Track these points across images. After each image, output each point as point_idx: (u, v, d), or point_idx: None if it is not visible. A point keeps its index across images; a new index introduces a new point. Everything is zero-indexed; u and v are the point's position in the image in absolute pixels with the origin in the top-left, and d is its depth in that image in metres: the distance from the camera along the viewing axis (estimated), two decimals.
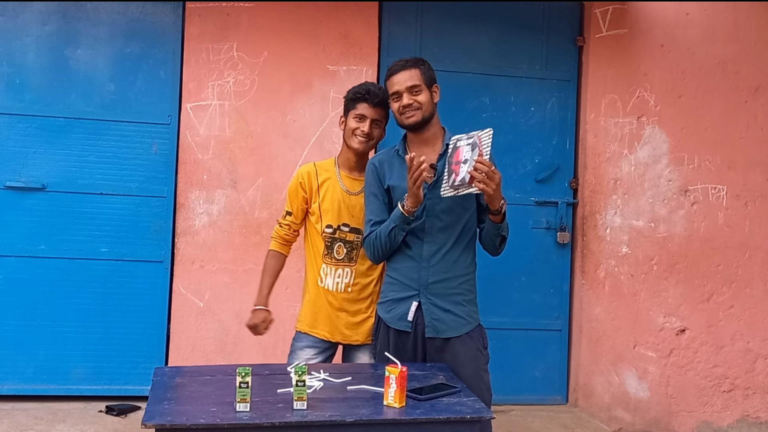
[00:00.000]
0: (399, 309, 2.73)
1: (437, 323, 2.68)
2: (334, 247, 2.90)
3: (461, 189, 2.49)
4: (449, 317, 2.68)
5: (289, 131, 4.21)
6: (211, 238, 4.16)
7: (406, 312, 2.70)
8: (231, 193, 4.18)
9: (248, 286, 4.11)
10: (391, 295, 2.77)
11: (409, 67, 2.68)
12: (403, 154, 2.72)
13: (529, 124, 4.53)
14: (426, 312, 2.68)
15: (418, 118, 2.66)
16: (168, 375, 2.48)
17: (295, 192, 2.95)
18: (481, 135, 2.47)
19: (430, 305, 2.69)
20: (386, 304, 2.78)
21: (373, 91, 2.85)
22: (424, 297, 2.69)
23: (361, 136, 2.86)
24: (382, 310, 2.79)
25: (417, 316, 2.69)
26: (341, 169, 2.96)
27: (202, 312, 4.16)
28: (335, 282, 2.91)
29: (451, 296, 2.70)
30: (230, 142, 4.18)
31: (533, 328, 4.51)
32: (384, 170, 2.75)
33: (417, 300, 2.69)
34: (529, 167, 4.53)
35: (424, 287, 2.69)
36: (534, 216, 4.49)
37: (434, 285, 2.69)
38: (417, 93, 2.66)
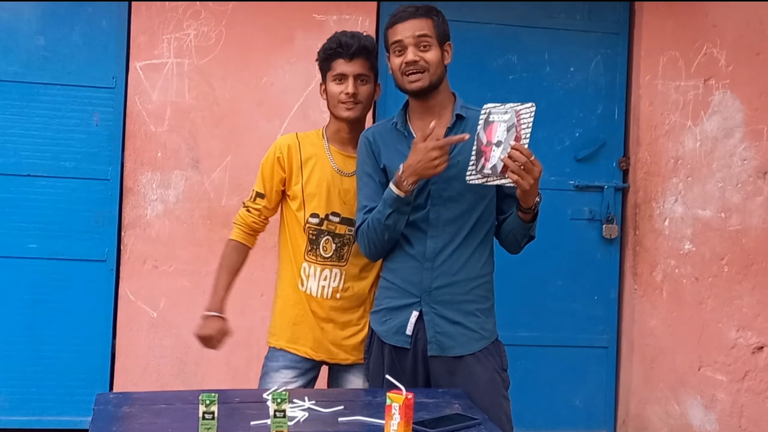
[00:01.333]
0: (396, 320, 2.72)
1: (442, 338, 2.68)
2: (320, 241, 2.90)
3: (491, 178, 2.48)
4: (458, 330, 2.68)
5: (265, 97, 4.22)
6: (167, 232, 4.18)
7: (405, 324, 2.70)
8: (192, 175, 4.19)
9: None
10: (386, 303, 2.76)
11: (419, 16, 2.66)
12: (402, 128, 2.73)
13: (568, 88, 4.55)
14: (429, 324, 2.68)
15: (425, 83, 2.66)
16: (113, 403, 2.48)
17: (271, 169, 2.94)
18: (521, 111, 2.45)
19: (433, 315, 2.68)
20: (380, 313, 2.78)
21: (345, 41, 2.85)
22: (427, 305, 2.69)
23: (345, 100, 2.86)
24: (375, 322, 2.79)
25: (418, 329, 2.69)
26: (331, 143, 2.95)
27: (156, 324, 4.17)
28: (320, 286, 2.91)
29: (460, 304, 2.69)
30: (191, 111, 4.19)
31: (572, 345, 4.54)
32: (379, 146, 2.75)
33: (418, 309, 2.69)
34: (568, 143, 4.54)
35: (427, 293, 2.69)
36: (574, 204, 4.52)
37: (440, 290, 2.69)
38: (425, 48, 2.65)
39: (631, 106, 4.57)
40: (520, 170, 2.40)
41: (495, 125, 2.49)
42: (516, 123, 2.43)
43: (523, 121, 2.43)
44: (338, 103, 2.88)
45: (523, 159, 2.39)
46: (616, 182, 4.55)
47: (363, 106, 2.89)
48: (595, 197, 4.54)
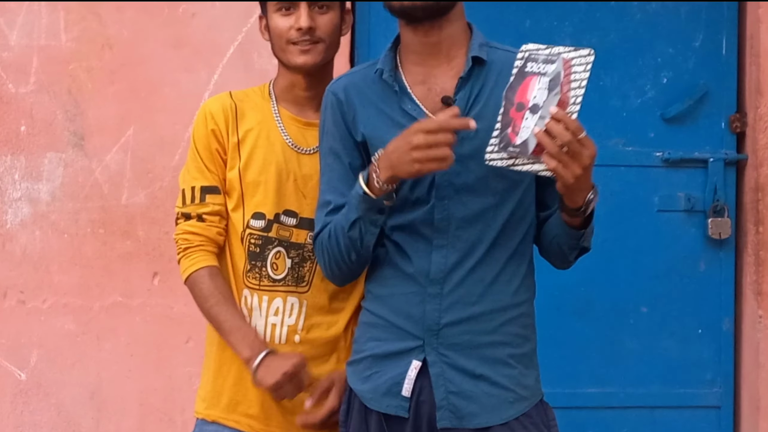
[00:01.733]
0: (387, 374, 2.71)
1: (458, 401, 2.67)
2: (268, 255, 2.92)
3: (518, 161, 2.47)
4: (482, 389, 2.67)
5: (185, 36, 4.26)
6: (39, 247, 4.22)
7: (400, 380, 2.69)
8: (76, 159, 4.24)
9: (113, 338, 4.24)
10: (371, 348, 2.76)
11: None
12: (390, 78, 2.73)
13: (648, 9, 4.59)
14: (437, 380, 2.67)
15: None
16: None
17: (208, 148, 2.95)
18: (572, 60, 2.43)
19: (444, 367, 2.67)
20: (363, 364, 2.77)
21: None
22: (434, 351, 2.68)
23: (297, 38, 2.87)
24: (355, 377, 2.78)
25: (420, 388, 2.68)
26: (282, 105, 2.98)
27: (26, 390, 4.20)
28: (269, 324, 2.92)
29: (485, 348, 2.69)
30: (71, 60, 4.24)
31: (665, 406, 4.55)
32: (354, 107, 2.75)
33: (420, 357, 2.69)
34: (651, 94, 4.57)
35: (434, 333, 2.68)
36: (662, 187, 4.56)
37: (452, 328, 2.68)
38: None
39: (746, 36, 4.60)
40: (561, 153, 2.37)
41: (532, 79, 2.48)
42: (563, 78, 2.41)
43: (574, 76, 2.41)
44: (287, 45, 2.88)
45: (566, 137, 2.36)
46: (726, 153, 4.58)
47: (325, 46, 2.90)
48: (694, 176, 4.57)
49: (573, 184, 2.42)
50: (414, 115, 2.66)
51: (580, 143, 2.37)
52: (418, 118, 2.64)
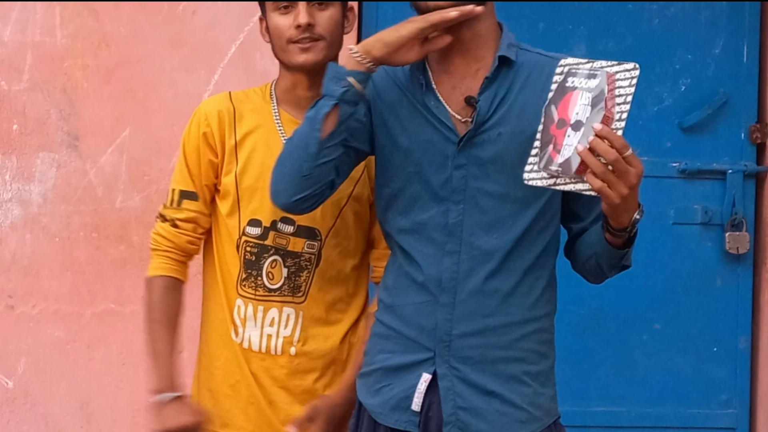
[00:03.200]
0: (396, 388, 2.70)
1: (468, 417, 2.66)
2: (263, 264, 2.91)
3: (560, 180, 2.45)
4: (493, 406, 2.66)
5: (185, 34, 4.26)
6: (30, 251, 4.23)
7: (410, 393, 2.67)
8: (69, 160, 4.23)
9: (104, 346, 4.26)
10: (381, 361, 2.75)
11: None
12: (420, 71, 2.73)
13: (667, 15, 4.59)
14: (446, 394, 2.65)
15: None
16: None
17: (196, 152, 2.94)
18: (616, 74, 2.41)
19: (455, 380, 2.66)
20: (372, 377, 2.77)
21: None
22: (445, 363, 2.67)
23: (298, 36, 2.86)
24: (365, 391, 2.78)
25: (430, 402, 2.67)
26: (283, 107, 2.98)
27: (13, 399, 4.22)
28: (265, 335, 2.92)
29: (498, 364, 2.67)
30: (66, 58, 4.25)
31: (680, 426, 4.56)
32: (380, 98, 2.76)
33: (430, 370, 2.68)
34: (668, 102, 4.57)
35: (445, 344, 2.67)
36: (679, 200, 4.58)
37: (464, 340, 2.66)
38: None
39: (767, 45, 4.56)
40: (607, 172, 2.34)
41: (574, 95, 2.45)
42: (607, 94, 2.39)
43: (619, 91, 2.39)
44: (287, 44, 2.88)
45: (612, 155, 2.32)
46: (745, 164, 4.57)
47: (326, 44, 2.89)
48: (712, 188, 4.57)
49: (619, 205, 2.40)
50: (436, 113, 2.66)
51: (627, 161, 2.34)
52: (439, 117, 2.65)
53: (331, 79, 2.56)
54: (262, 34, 3.00)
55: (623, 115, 2.34)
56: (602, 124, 2.32)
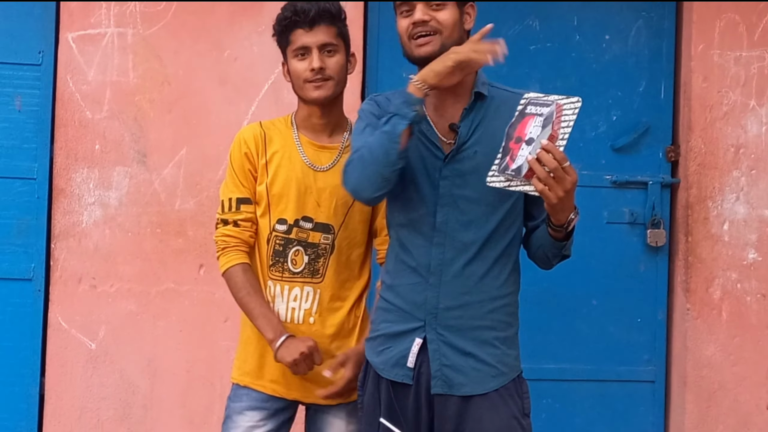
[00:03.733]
0: (395, 349, 2.73)
1: (450, 372, 2.68)
2: (288, 253, 2.94)
3: (513, 183, 2.48)
4: (469, 364, 2.68)
5: (229, 75, 4.24)
6: (108, 243, 4.19)
7: (406, 354, 2.70)
8: (138, 173, 4.20)
9: (165, 318, 4.21)
10: (384, 328, 2.78)
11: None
12: None
13: (602, 60, 4.57)
14: (434, 354, 2.68)
15: (435, 47, 2.65)
16: None
17: (243, 168, 2.98)
18: (563, 105, 2.44)
19: (440, 344, 2.69)
20: (377, 341, 2.79)
21: (301, 7, 2.89)
22: (433, 331, 2.69)
23: (312, 77, 2.89)
24: (371, 351, 2.80)
25: (421, 361, 2.70)
26: (302, 132, 3.00)
27: (95, 358, 4.18)
28: (290, 308, 2.94)
29: (475, 331, 2.69)
30: (136, 93, 4.20)
31: (611, 379, 4.55)
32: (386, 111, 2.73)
33: (421, 335, 2.70)
34: (603, 128, 4.55)
35: (433, 315, 2.69)
36: (611, 204, 4.54)
37: (448, 312, 2.69)
38: (438, 7, 2.66)
39: (680, 83, 4.58)
40: (548, 178, 2.37)
41: (531, 119, 2.48)
42: (555, 118, 2.42)
43: (564, 117, 2.41)
44: (304, 83, 2.91)
45: (553, 164, 2.36)
46: (662, 177, 4.56)
47: (335, 83, 2.92)
48: (637, 196, 4.56)
49: (557, 204, 2.43)
50: (428, 135, 2.68)
51: (564, 170, 2.37)
52: (431, 138, 2.67)
53: (404, 103, 2.53)
54: (284, 75, 3.03)
55: (566, 136, 2.37)
56: (549, 141, 2.36)
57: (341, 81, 2.95)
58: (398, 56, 2.78)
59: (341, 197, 2.93)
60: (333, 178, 2.91)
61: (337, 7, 2.95)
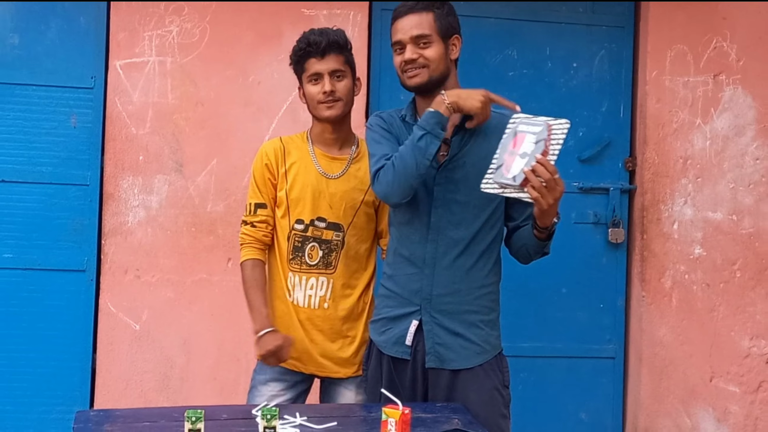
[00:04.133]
0: (395, 330, 2.76)
1: (442, 350, 2.70)
2: (305, 248, 2.96)
3: (508, 190, 2.49)
4: (458, 343, 2.71)
5: (253, 97, 4.23)
6: (150, 240, 4.19)
7: (404, 334, 2.73)
8: (176, 180, 4.21)
9: (199, 303, 4.20)
10: (385, 312, 2.80)
11: (418, 11, 2.67)
12: (411, 120, 2.74)
13: (570, 85, 4.56)
14: (428, 334, 2.71)
15: (423, 78, 2.67)
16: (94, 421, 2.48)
17: (263, 177, 3.00)
18: (554, 126, 2.46)
19: (434, 325, 2.71)
20: (380, 323, 2.81)
21: (314, 39, 2.92)
22: (428, 314, 2.71)
23: (324, 99, 2.92)
24: (374, 331, 2.83)
25: (417, 340, 2.72)
26: (316, 145, 3.02)
27: (139, 337, 4.18)
28: (307, 295, 2.96)
29: (463, 315, 2.72)
30: (174, 112, 4.20)
31: (577, 356, 4.55)
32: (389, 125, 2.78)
33: (418, 318, 2.72)
34: (571, 142, 4.50)
35: (428, 301, 2.72)
36: (578, 207, 4.52)
37: (441, 299, 2.71)
38: (425, 46, 2.66)
39: (637, 104, 4.58)
40: (542, 187, 2.39)
41: (523, 136, 2.48)
42: (546, 138, 2.43)
43: (554, 136, 2.43)
44: (317, 104, 2.94)
45: (546, 175, 2.38)
46: (621, 184, 4.56)
47: (343, 103, 2.95)
48: (600, 200, 4.56)
49: (546, 210, 2.45)
50: None
51: (555, 181, 2.39)
52: None
53: (437, 124, 2.53)
54: (300, 97, 3.05)
55: (556, 152, 2.39)
56: (542, 155, 2.38)
57: (349, 102, 2.98)
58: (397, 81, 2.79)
59: (349, 201, 2.95)
60: (343, 184, 2.94)
61: (344, 38, 2.97)
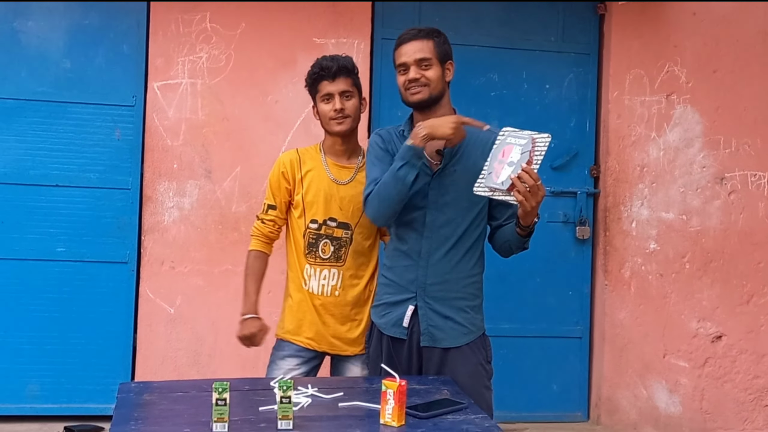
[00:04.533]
0: (394, 313, 2.74)
1: (434, 331, 2.69)
2: (319, 244, 2.94)
3: (497, 193, 2.49)
4: (448, 324, 2.69)
5: (271, 113, 4.21)
6: (183, 236, 4.18)
7: (402, 317, 2.71)
8: (205, 184, 4.19)
9: (225, 290, 4.15)
10: (385, 298, 2.78)
11: (421, 38, 2.67)
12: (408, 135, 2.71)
13: (544, 103, 4.55)
14: (423, 317, 2.69)
15: (425, 95, 2.66)
16: (135, 391, 2.48)
17: (278, 183, 2.98)
18: (537, 139, 2.46)
19: (427, 310, 2.70)
20: (380, 307, 2.80)
21: (326, 64, 2.91)
22: (422, 300, 2.70)
23: (335, 116, 2.91)
24: (375, 315, 2.81)
25: (413, 323, 2.70)
26: (328, 156, 3.00)
27: (173, 319, 4.17)
28: (321, 284, 2.94)
29: (452, 301, 2.70)
30: (203, 126, 4.19)
31: (549, 336, 4.54)
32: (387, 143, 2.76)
33: (413, 303, 2.71)
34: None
35: (422, 289, 2.70)
36: (550, 208, 4.49)
37: (433, 287, 2.70)
38: (426, 67, 2.66)
39: (600, 120, 4.57)
40: (526, 191, 2.39)
41: (510, 147, 2.48)
42: (531, 149, 2.44)
43: (537, 148, 2.44)
44: (329, 120, 2.92)
45: (531, 181, 2.39)
46: (587, 188, 4.56)
47: (352, 119, 2.93)
48: (568, 202, 4.55)
49: (529, 212, 2.45)
50: None
51: (538, 187, 2.40)
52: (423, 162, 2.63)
53: (414, 155, 2.53)
54: (314, 115, 3.03)
55: (539, 161, 2.40)
56: (527, 164, 2.39)
57: (356, 118, 2.96)
58: (395, 100, 2.79)
59: (356, 204, 2.92)
60: (351, 189, 2.93)
61: (352, 63, 2.96)
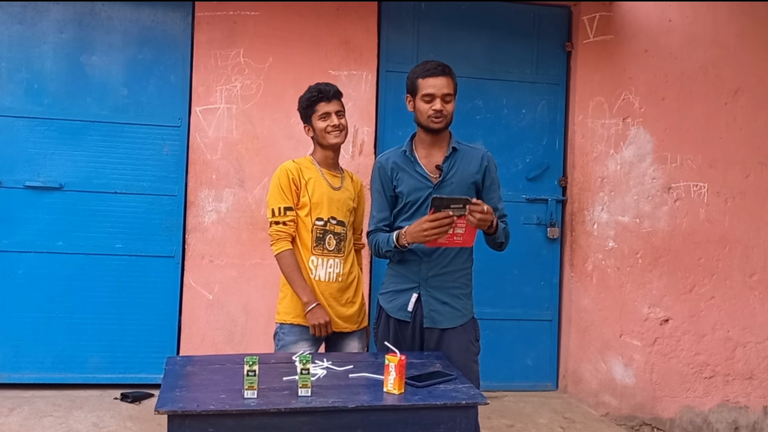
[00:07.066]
0: (400, 300, 2.74)
1: (435, 314, 2.70)
2: (326, 238, 2.93)
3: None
4: (446, 309, 2.70)
5: (293, 133, 4.20)
6: (220, 235, 4.16)
7: (407, 303, 2.71)
8: (238, 192, 4.18)
9: (255, 280, 4.15)
10: (392, 287, 2.78)
11: (446, 74, 2.66)
12: (410, 154, 2.74)
13: (521, 125, 4.54)
14: (425, 303, 2.70)
15: (443, 125, 2.67)
16: (179, 364, 2.49)
17: (289, 187, 2.94)
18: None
19: (429, 297, 2.70)
20: (388, 294, 2.79)
21: (324, 88, 2.93)
22: (424, 289, 2.71)
23: (334, 129, 2.92)
24: (383, 300, 2.81)
25: (416, 308, 2.71)
26: (322, 167, 3.00)
27: (212, 304, 4.16)
28: (327, 272, 2.92)
29: (449, 289, 2.71)
30: (237, 143, 4.18)
31: (525, 319, 4.52)
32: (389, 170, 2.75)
33: (417, 292, 2.71)
34: (521, 166, 4.53)
35: (424, 280, 2.71)
36: (525, 212, 4.49)
37: (433, 278, 2.71)
38: (448, 102, 2.66)
39: (568, 139, 4.56)
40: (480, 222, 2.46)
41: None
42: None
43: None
44: (326, 134, 2.93)
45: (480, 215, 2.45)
46: (557, 196, 4.54)
47: (345, 133, 2.97)
48: (541, 207, 4.53)
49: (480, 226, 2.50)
50: (421, 173, 2.68)
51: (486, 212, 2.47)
52: (423, 174, 2.67)
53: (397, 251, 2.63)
54: (306, 132, 3.02)
55: None
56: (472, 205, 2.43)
57: (347, 132, 3.01)
58: (397, 121, 2.79)
59: (347, 205, 2.96)
60: (343, 194, 2.96)
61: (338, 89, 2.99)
